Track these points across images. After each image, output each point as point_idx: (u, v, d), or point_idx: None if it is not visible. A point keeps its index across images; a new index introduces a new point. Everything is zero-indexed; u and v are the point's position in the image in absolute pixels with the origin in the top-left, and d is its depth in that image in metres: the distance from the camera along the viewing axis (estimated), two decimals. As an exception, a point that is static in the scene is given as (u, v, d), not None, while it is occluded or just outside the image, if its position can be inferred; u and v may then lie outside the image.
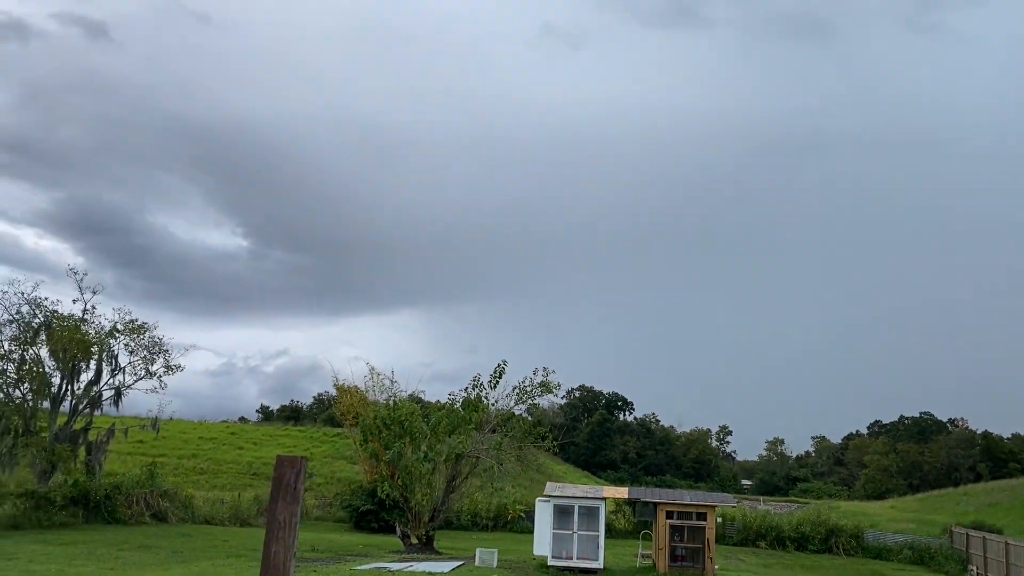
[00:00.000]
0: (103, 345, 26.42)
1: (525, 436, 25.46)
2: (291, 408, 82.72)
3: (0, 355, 25.39)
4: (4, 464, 24.78)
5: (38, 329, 25.89)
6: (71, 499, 23.21)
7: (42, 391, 26.05)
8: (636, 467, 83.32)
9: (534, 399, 26.46)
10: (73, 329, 25.67)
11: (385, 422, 21.72)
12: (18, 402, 25.69)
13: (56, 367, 26.12)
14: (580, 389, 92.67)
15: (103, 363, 26.56)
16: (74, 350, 25.95)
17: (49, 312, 26.10)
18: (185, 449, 44.55)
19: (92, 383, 26.61)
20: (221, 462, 43.64)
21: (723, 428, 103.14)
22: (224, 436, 50.32)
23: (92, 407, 27.06)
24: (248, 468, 42.28)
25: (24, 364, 25.70)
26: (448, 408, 23.45)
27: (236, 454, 45.47)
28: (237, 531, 25.59)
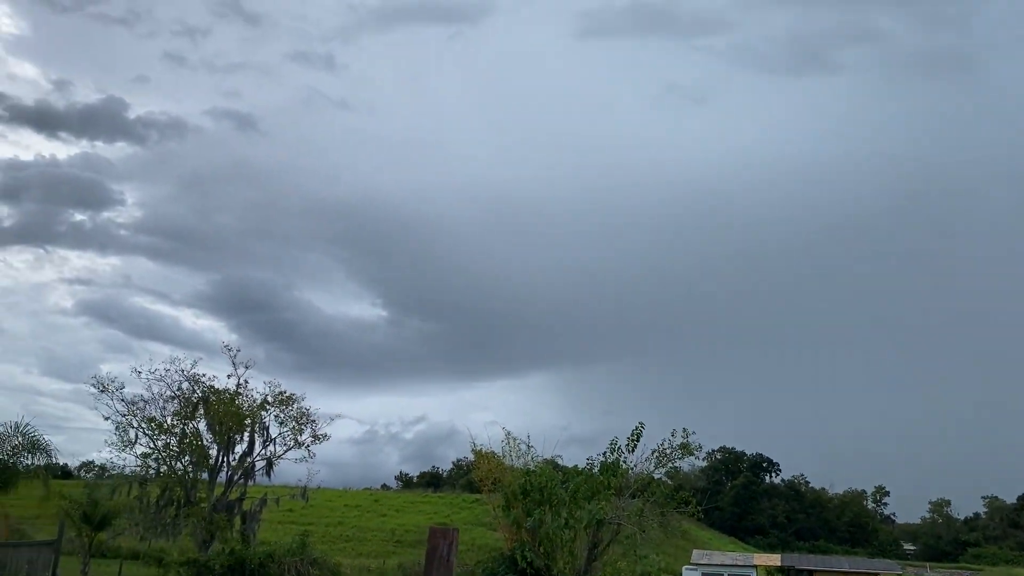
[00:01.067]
0: (255, 417, 27.73)
1: (667, 501, 24.75)
2: (430, 474, 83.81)
3: (164, 429, 27.08)
4: (168, 533, 26.20)
5: (197, 404, 27.48)
6: (229, 567, 24.13)
7: (201, 463, 27.50)
8: (787, 532, 79.18)
9: (674, 462, 25.78)
10: (228, 403, 27.12)
11: (525, 489, 21.62)
12: (180, 474, 27.23)
13: (213, 439, 27.56)
14: (721, 451, 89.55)
15: (256, 434, 27.83)
16: (229, 423, 27.35)
17: (207, 387, 27.72)
18: (332, 517, 45.78)
19: (246, 454, 27.89)
20: (365, 529, 44.56)
21: (879, 489, 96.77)
22: (368, 504, 51.48)
23: (246, 477, 28.28)
24: (391, 535, 42.95)
25: (185, 438, 27.28)
26: (586, 473, 23.14)
27: (379, 521, 46.35)
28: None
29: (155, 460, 27.19)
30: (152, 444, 27.24)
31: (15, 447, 24.64)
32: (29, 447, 24.56)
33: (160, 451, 27.22)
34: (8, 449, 24.49)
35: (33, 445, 24.61)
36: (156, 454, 27.18)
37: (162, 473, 27.34)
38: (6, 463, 25.27)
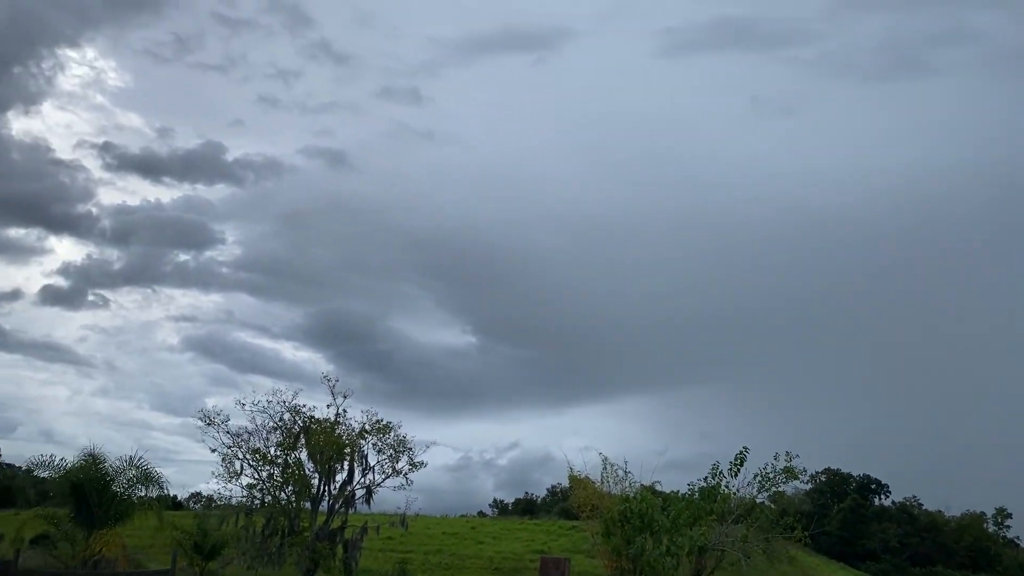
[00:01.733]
0: (354, 446, 28.24)
1: (772, 526, 23.99)
2: (525, 501, 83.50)
3: (268, 460, 27.84)
4: (274, 562, 26.82)
5: (298, 434, 28.19)
6: (330, 596, 24.56)
7: (303, 492, 28.12)
8: (900, 557, 75.57)
9: (778, 486, 25.00)
10: (328, 432, 27.73)
11: (625, 515, 21.30)
12: (284, 503, 27.91)
13: (314, 469, 28.18)
14: (826, 473, 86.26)
15: (355, 463, 28.32)
16: (329, 452, 27.92)
17: (307, 418, 28.42)
18: (430, 544, 45.95)
19: (346, 483, 28.40)
20: (464, 557, 44.55)
21: (1000, 511, 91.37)
22: (465, 531, 51.49)
23: (347, 506, 28.77)
24: (489, 563, 42.80)
25: (288, 468, 27.97)
26: (688, 499, 22.64)
27: (477, 549, 46.27)
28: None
29: (260, 490, 27.95)
30: (257, 475, 28.04)
31: (130, 480, 25.73)
32: (143, 479, 25.60)
33: (264, 481, 27.97)
34: (124, 482, 25.59)
35: (146, 477, 25.65)
36: (261, 484, 27.94)
37: (267, 503, 28.06)
38: (122, 495, 26.40)
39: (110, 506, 25.86)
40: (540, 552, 44.53)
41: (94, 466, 26.07)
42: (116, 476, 25.42)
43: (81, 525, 25.85)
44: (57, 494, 28.10)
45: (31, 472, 29.77)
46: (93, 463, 26.09)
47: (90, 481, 25.72)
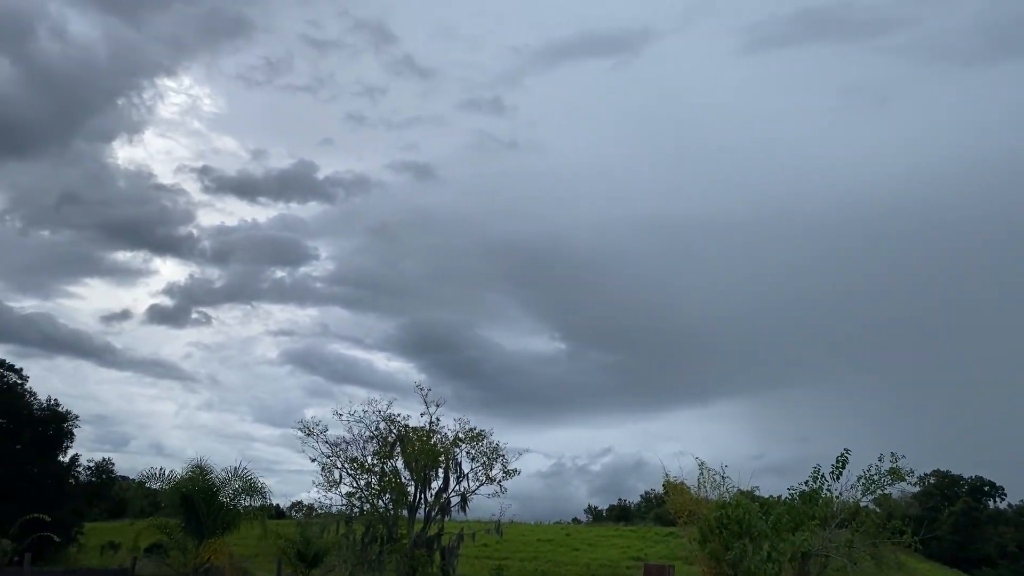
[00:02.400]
0: (448, 454, 28.58)
1: (878, 531, 23.10)
2: (619, 507, 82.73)
3: (365, 469, 28.44)
4: (374, 569, 27.33)
5: (394, 443, 28.72)
6: (432, 602, 24.87)
7: (400, 500, 28.60)
8: (1019, 563, 71.71)
9: (884, 489, 24.06)
10: (423, 441, 28.15)
11: (722, 522, 20.86)
12: (382, 511, 28.44)
13: (410, 477, 28.63)
14: (935, 474, 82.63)
15: (450, 471, 28.66)
16: (424, 460, 28.34)
17: (402, 426, 28.93)
18: (525, 551, 46.02)
19: (441, 490, 28.75)
20: (559, 563, 44.45)
21: None
22: (560, 538, 51.40)
23: (442, 513, 29.12)
24: (586, 569, 42.59)
25: (384, 476, 28.50)
26: (788, 504, 22.02)
27: (573, 555, 46.12)
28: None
29: (358, 499, 28.56)
30: (355, 483, 28.68)
31: (235, 490, 26.66)
32: (247, 489, 26.50)
33: (362, 490, 28.57)
34: (230, 492, 26.53)
35: (251, 487, 26.53)
36: (359, 493, 28.55)
37: (365, 511, 28.64)
38: (229, 505, 27.36)
39: (217, 516, 26.83)
40: (637, 559, 44.06)
41: (201, 477, 27.11)
42: (222, 487, 26.35)
43: (191, 534, 26.91)
44: (168, 505, 29.33)
45: (143, 484, 31.12)
46: (200, 474, 27.14)
47: (198, 492, 26.76)
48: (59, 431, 38.60)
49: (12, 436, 36.91)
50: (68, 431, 38.94)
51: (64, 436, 38.86)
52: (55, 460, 38.54)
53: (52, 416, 38.46)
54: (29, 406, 38.37)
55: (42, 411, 38.45)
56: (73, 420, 39.19)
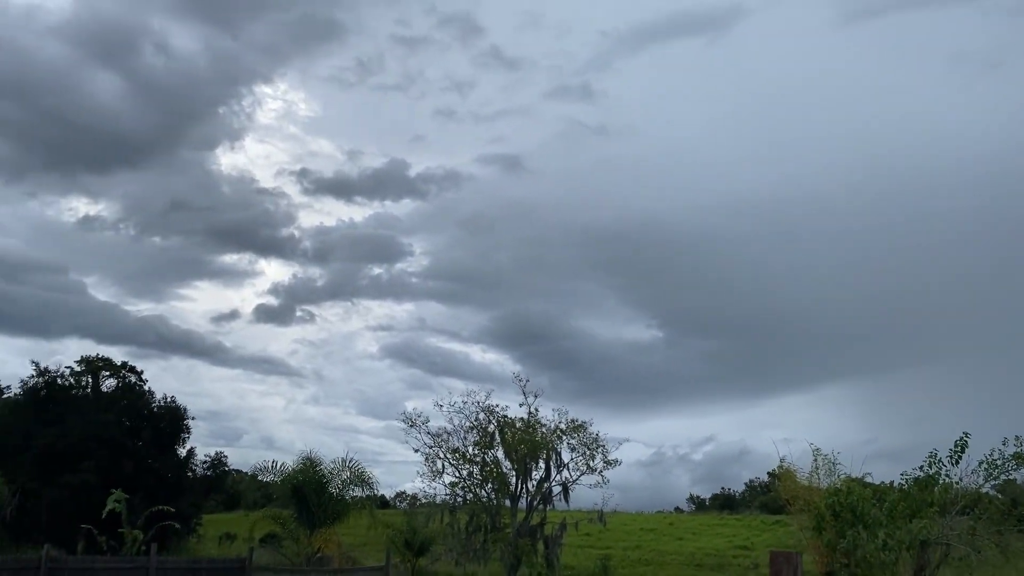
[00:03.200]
0: (549, 445, 28.66)
1: (1003, 518, 21.93)
2: (723, 496, 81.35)
3: (467, 459, 28.80)
4: (479, 558, 27.67)
5: (493, 433, 28.98)
6: (537, 591, 25.02)
7: (502, 490, 28.84)
8: None
9: (1008, 474, 22.82)
10: (522, 431, 28.31)
11: (834, 509, 20.23)
12: (484, 501, 28.75)
13: (511, 467, 28.84)
14: (1061, 458, 78.04)
15: (551, 461, 28.73)
16: (524, 450, 28.49)
17: (501, 417, 29.17)
18: (628, 541, 45.75)
19: (543, 480, 28.85)
20: (663, 553, 44.02)
21: None
22: (663, 527, 50.92)
23: (544, 503, 29.22)
24: (691, 559, 42.03)
25: (485, 466, 28.81)
26: (903, 490, 21.17)
27: (677, 545, 45.60)
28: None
29: (461, 489, 28.95)
30: (457, 473, 29.08)
31: (344, 481, 27.44)
32: (356, 480, 27.25)
33: (465, 479, 28.94)
34: (339, 483, 27.33)
35: (359, 478, 27.28)
36: (462, 483, 28.94)
37: (468, 501, 29.01)
38: (338, 496, 28.18)
39: (327, 506, 27.68)
40: (743, 548, 43.24)
41: (311, 469, 28.01)
42: (331, 478, 27.14)
43: (303, 524, 27.84)
44: (280, 496, 30.43)
45: (256, 477, 32.37)
46: (310, 466, 28.04)
47: (308, 483, 27.65)
48: (176, 427, 40.47)
49: (134, 433, 38.92)
50: (185, 427, 40.78)
51: (181, 432, 40.71)
52: (174, 455, 40.43)
53: (169, 413, 40.36)
54: (148, 404, 40.36)
55: (160, 408, 40.39)
56: (189, 417, 41.03)
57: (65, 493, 33.39)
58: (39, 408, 38.21)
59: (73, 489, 33.14)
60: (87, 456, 34.96)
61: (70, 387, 39.97)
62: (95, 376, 40.92)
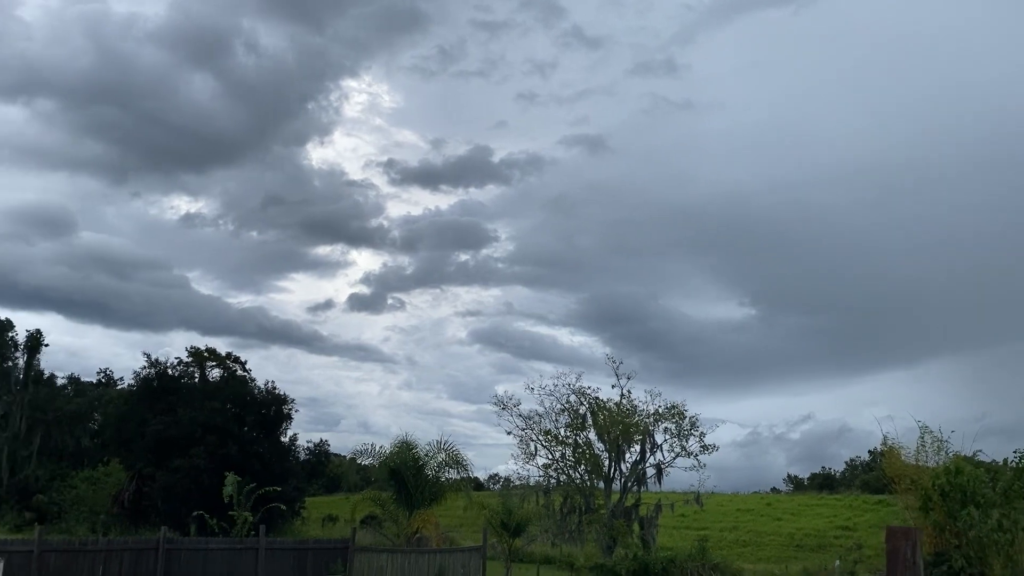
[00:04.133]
0: (642, 426, 28.52)
1: None
2: (822, 475, 79.34)
3: (559, 441, 28.93)
4: (574, 539, 27.81)
5: (585, 415, 29.01)
6: (633, 572, 24.95)
7: (595, 471, 28.87)
8: None
9: None
10: (615, 413, 28.25)
11: (943, 490, 19.50)
12: (578, 483, 28.85)
13: (604, 449, 28.83)
14: None
15: (644, 443, 28.60)
16: (616, 432, 28.43)
17: (592, 399, 29.15)
18: (725, 522, 45.21)
19: (637, 462, 28.75)
20: (761, 533, 43.33)
21: None
22: (760, 507, 50.08)
23: (638, 484, 29.13)
24: (790, 540, 41.26)
25: (578, 448, 28.88)
26: (1019, 468, 20.25)
27: (775, 525, 44.81)
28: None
29: (555, 470, 29.11)
30: (550, 455, 29.25)
31: (439, 463, 27.95)
32: (451, 463, 27.71)
33: (558, 461, 29.09)
34: (434, 466, 27.84)
35: (454, 461, 27.73)
36: (555, 464, 29.10)
37: (562, 482, 29.16)
38: (434, 478, 28.73)
39: (424, 488, 28.27)
40: (844, 528, 42.15)
41: (407, 452, 28.63)
42: (427, 460, 27.68)
43: (402, 506, 28.51)
44: (378, 479, 31.23)
45: (354, 460, 33.30)
46: (406, 449, 28.66)
47: (405, 466, 28.28)
48: (279, 413, 42.00)
49: (239, 419, 40.55)
50: (287, 413, 42.26)
51: (283, 418, 42.23)
52: (277, 440, 41.98)
53: (272, 400, 41.89)
54: (252, 392, 41.99)
55: (263, 396, 41.96)
56: (291, 403, 42.49)
57: (177, 477, 35.09)
58: (151, 398, 40.23)
59: (184, 473, 34.80)
60: (197, 442, 36.64)
61: (179, 377, 41.94)
62: (201, 366, 42.80)
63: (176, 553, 22.09)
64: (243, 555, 23.16)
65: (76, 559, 20.72)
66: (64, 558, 20.56)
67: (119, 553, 21.37)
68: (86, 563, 20.78)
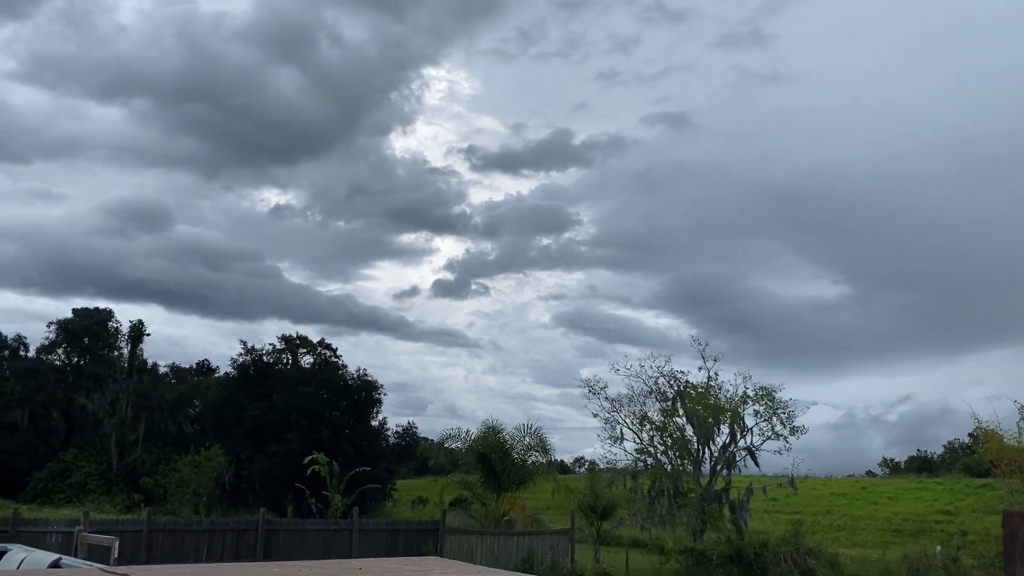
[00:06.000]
0: (734, 410, 28.05)
1: None
2: (920, 458, 76.69)
3: (651, 424, 28.70)
4: (665, 523, 27.63)
5: (674, 399, 28.69)
6: (727, 557, 24.64)
7: (684, 455, 28.56)
8: None
9: None
10: (703, 396, 27.86)
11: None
12: (666, 466, 28.61)
13: (693, 432, 28.48)
14: None
15: (734, 426, 28.12)
16: (705, 415, 28.04)
17: (681, 383, 28.80)
18: (818, 505, 44.24)
19: (726, 446, 28.31)
20: (857, 518, 42.23)
21: None
22: (855, 491, 48.81)
23: (728, 468, 28.68)
24: (887, 524, 40.08)
25: (666, 431, 28.61)
26: None
27: (871, 510, 43.59)
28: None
29: (642, 453, 28.92)
30: (638, 438, 29.06)
31: (526, 447, 28.20)
32: (537, 447, 27.94)
33: (646, 445, 28.89)
34: (521, 449, 28.11)
35: (540, 444, 27.95)
36: (642, 447, 28.91)
37: (650, 466, 28.96)
38: (520, 461, 29.00)
39: (511, 471, 28.57)
40: (945, 512, 40.71)
41: (494, 436, 28.97)
42: (514, 444, 27.94)
43: (490, 488, 28.89)
44: (466, 462, 31.72)
45: (442, 444, 33.88)
46: (493, 433, 29.00)
47: (492, 449, 28.63)
48: (369, 398, 43.01)
49: (332, 404, 41.69)
50: (377, 398, 43.24)
51: (374, 403, 43.22)
52: (368, 424, 43.01)
53: (363, 385, 42.91)
54: (343, 378, 43.09)
55: (354, 381, 43.01)
56: (381, 388, 43.43)
57: (273, 461, 36.35)
58: (248, 384, 41.72)
59: (280, 457, 36.01)
60: (291, 427, 37.86)
61: (273, 364, 43.32)
62: (294, 353, 44.12)
63: (274, 533, 22.92)
64: (338, 535, 23.86)
65: (182, 538, 21.72)
66: (171, 537, 21.58)
67: (221, 533, 22.31)
68: (191, 542, 21.76)
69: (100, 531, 19.28)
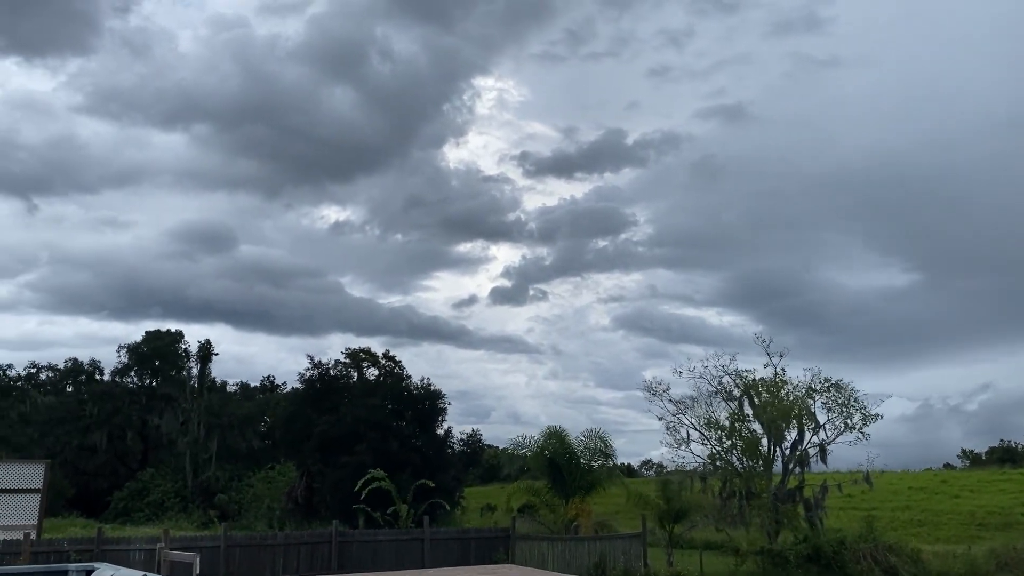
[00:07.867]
0: (801, 405, 27.45)
1: None
2: (1002, 448, 74.08)
3: (714, 425, 28.25)
4: (737, 524, 27.17)
5: (740, 397, 28.21)
6: (805, 556, 24.12)
7: (754, 454, 28.02)
8: None
9: None
10: (770, 393, 27.31)
11: None
12: (736, 467, 28.11)
13: (762, 431, 27.93)
14: None
15: (804, 423, 27.50)
16: (773, 413, 27.49)
17: (748, 381, 28.30)
18: (896, 500, 43.03)
19: (796, 443, 27.71)
20: (937, 512, 40.92)
21: None
22: (934, 485, 47.37)
23: (800, 465, 28.06)
24: (971, 518, 38.72)
25: (734, 431, 28.12)
26: None
27: (952, 503, 42.20)
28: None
29: (712, 458, 28.47)
30: (705, 439, 28.63)
31: (591, 451, 28.03)
32: (602, 452, 27.75)
33: (714, 445, 28.44)
34: (587, 454, 27.95)
35: (605, 449, 27.76)
36: (711, 449, 28.47)
37: (719, 467, 28.49)
38: (587, 466, 28.83)
39: (578, 476, 28.42)
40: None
41: (559, 442, 28.86)
42: (582, 450, 27.81)
43: (558, 494, 28.79)
44: (532, 468, 31.66)
45: (513, 452, 33.92)
46: (558, 439, 28.89)
47: (558, 455, 28.53)
48: (434, 408, 43.29)
49: (398, 415, 42.11)
50: (441, 408, 43.50)
51: (438, 412, 43.49)
52: (434, 433, 43.29)
53: (427, 395, 43.23)
54: (408, 388, 43.48)
55: (419, 392, 43.36)
56: (444, 397, 43.68)
57: (344, 473, 36.83)
58: (316, 398, 42.39)
59: (350, 469, 36.49)
60: (360, 439, 38.33)
61: (339, 377, 43.94)
62: (359, 366, 44.69)
63: (348, 545, 23.20)
64: (409, 545, 24.06)
65: (258, 552, 22.14)
66: (248, 552, 22.01)
67: (296, 546, 22.68)
68: (267, 556, 22.16)
69: (180, 548, 19.79)
